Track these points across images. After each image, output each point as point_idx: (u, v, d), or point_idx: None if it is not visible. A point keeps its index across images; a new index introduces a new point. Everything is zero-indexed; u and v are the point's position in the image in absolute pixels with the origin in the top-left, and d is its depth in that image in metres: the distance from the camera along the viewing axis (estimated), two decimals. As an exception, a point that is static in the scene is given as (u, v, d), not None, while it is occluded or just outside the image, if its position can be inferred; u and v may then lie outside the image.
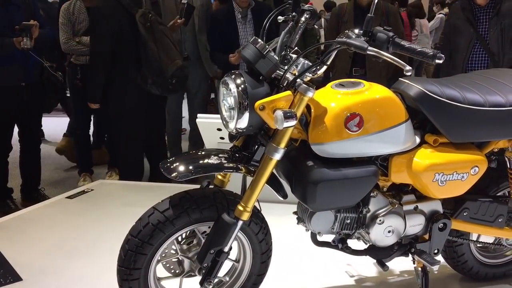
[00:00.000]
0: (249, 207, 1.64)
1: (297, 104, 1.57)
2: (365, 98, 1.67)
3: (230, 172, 1.76)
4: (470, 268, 2.13)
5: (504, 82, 1.88)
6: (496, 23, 3.01)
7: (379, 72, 3.46)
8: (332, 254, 2.02)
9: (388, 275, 2.24)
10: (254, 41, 1.58)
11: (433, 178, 1.75)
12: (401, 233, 1.84)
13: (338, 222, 1.80)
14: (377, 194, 1.80)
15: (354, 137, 1.65)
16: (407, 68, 1.37)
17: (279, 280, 2.20)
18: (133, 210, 1.69)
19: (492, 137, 1.85)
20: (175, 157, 1.71)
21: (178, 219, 1.64)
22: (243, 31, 3.73)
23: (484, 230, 2.00)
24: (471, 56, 3.13)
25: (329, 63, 1.59)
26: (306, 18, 1.75)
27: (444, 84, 1.80)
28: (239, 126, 1.60)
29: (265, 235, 1.80)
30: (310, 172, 1.65)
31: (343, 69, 3.56)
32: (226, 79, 1.61)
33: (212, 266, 1.68)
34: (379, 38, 1.49)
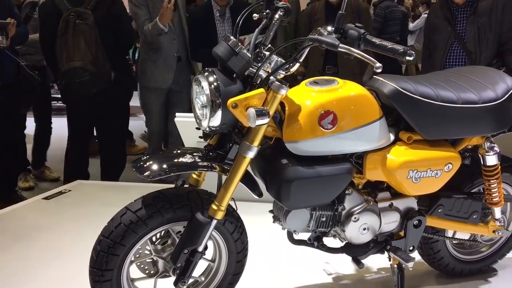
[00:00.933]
0: (223, 206, 1.63)
1: (270, 101, 1.56)
2: (339, 96, 1.67)
3: (204, 171, 1.75)
4: (446, 265, 2.15)
5: (477, 79, 1.90)
6: (473, 22, 3.04)
7: (351, 69, 3.48)
8: (309, 252, 2.01)
9: (365, 273, 2.25)
10: (227, 38, 1.56)
11: (407, 175, 1.76)
12: (376, 230, 1.85)
13: (314, 220, 1.79)
14: (352, 192, 1.80)
15: (328, 134, 1.65)
16: (377, 65, 1.37)
17: (256, 279, 2.19)
18: (111, 210, 1.67)
19: (466, 134, 1.86)
20: (148, 156, 1.69)
21: (151, 219, 1.62)
22: (221, 29, 3.70)
23: (459, 227, 2.02)
24: (449, 54, 3.16)
25: (302, 60, 1.58)
26: (280, 16, 1.74)
27: (417, 82, 1.80)
28: (212, 125, 1.59)
29: (241, 234, 1.78)
30: (284, 170, 1.64)
31: (316, 67, 3.58)
32: (199, 76, 1.60)
33: (186, 266, 1.66)
34: (351, 35, 1.48)
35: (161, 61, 3.70)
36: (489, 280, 2.22)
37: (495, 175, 1.93)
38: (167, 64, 3.71)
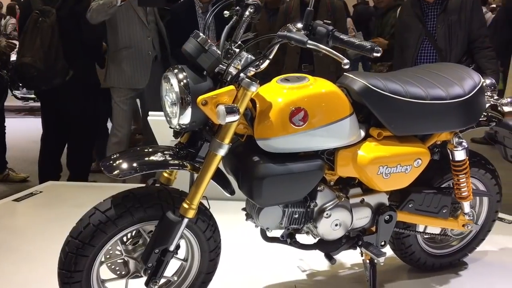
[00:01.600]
0: (195, 204, 1.61)
1: (241, 99, 1.55)
2: (310, 93, 1.68)
3: (175, 169, 1.73)
4: (418, 259, 2.18)
5: (446, 76, 1.93)
6: (443, 19, 3.09)
7: (327, 67, 3.50)
8: (283, 249, 2.02)
9: (338, 268, 2.27)
10: (196, 35, 1.55)
11: (377, 171, 1.77)
12: (348, 226, 1.86)
13: (286, 217, 1.80)
14: (324, 188, 1.81)
15: (299, 131, 1.65)
16: (345, 62, 1.38)
17: (230, 278, 2.19)
18: (83, 211, 1.64)
19: (434, 129, 1.89)
20: (117, 154, 1.67)
21: (121, 219, 1.59)
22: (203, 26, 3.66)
23: (429, 221, 2.05)
24: (420, 51, 3.21)
25: (271, 57, 1.58)
26: (250, 12, 1.73)
27: (387, 79, 1.82)
28: (182, 122, 1.57)
29: (213, 233, 1.77)
30: (256, 168, 1.64)
31: (292, 65, 3.59)
32: (168, 74, 1.58)
33: (157, 266, 1.64)
34: (319, 32, 1.49)
35: (133, 60, 3.51)
36: (459, 273, 2.26)
37: (463, 170, 1.97)
38: (140, 63, 3.53)
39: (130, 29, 3.46)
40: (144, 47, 3.51)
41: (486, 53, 3.14)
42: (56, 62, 3.41)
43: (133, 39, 3.48)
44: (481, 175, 2.14)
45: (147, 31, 3.52)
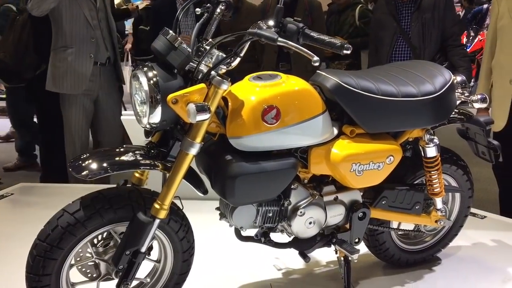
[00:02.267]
0: (166, 204, 1.59)
1: (212, 97, 1.54)
2: (282, 90, 1.67)
3: (146, 169, 1.70)
4: (392, 255, 2.19)
5: (417, 73, 1.94)
6: (417, 18, 3.12)
7: (304, 66, 3.50)
8: (258, 248, 2.01)
9: (314, 266, 2.27)
10: (165, 32, 1.52)
11: (350, 168, 1.78)
12: (322, 224, 1.86)
13: (260, 216, 1.79)
14: (298, 186, 1.80)
15: (272, 129, 1.64)
16: (315, 59, 1.37)
17: (204, 278, 2.17)
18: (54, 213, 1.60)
19: (406, 126, 1.91)
20: (87, 154, 1.63)
21: (90, 221, 1.56)
22: (184, 24, 3.58)
23: (403, 218, 2.06)
24: (395, 49, 3.24)
25: (242, 54, 1.56)
26: (221, 10, 1.72)
27: (359, 76, 1.83)
28: (152, 121, 1.55)
29: (186, 233, 1.75)
30: (228, 167, 1.62)
31: (269, 63, 3.58)
32: (137, 72, 1.55)
33: (129, 268, 1.61)
34: (289, 29, 1.48)
35: (71, 62, 3.26)
36: (433, 269, 2.28)
37: (435, 166, 1.99)
38: (80, 67, 3.27)
39: (73, 27, 3.24)
40: (85, 49, 3.28)
41: (458, 51, 3.19)
42: (25, 57, 3.40)
43: (75, 38, 3.25)
44: (453, 171, 2.17)
45: (91, 31, 3.29)
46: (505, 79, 2.67)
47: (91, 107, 3.46)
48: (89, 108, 3.45)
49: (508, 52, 2.66)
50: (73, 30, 3.24)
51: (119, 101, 3.68)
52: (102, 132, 3.60)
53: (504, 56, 2.69)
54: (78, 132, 3.43)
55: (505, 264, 2.32)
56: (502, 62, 2.71)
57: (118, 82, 3.61)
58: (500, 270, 2.27)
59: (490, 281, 2.17)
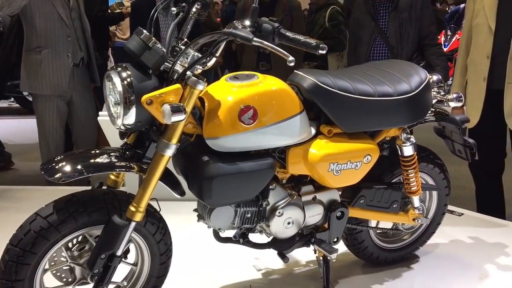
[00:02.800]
0: (142, 207, 1.56)
1: (187, 97, 1.52)
2: (259, 91, 1.66)
3: (122, 171, 1.68)
4: (371, 254, 2.21)
5: (393, 72, 1.95)
6: (394, 17, 3.14)
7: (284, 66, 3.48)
8: (237, 249, 2.00)
9: (294, 266, 2.27)
10: (139, 32, 1.50)
11: (328, 168, 1.78)
12: (301, 224, 1.86)
13: (239, 216, 1.78)
14: (276, 187, 1.80)
15: (249, 130, 1.63)
16: (290, 59, 1.37)
17: (183, 281, 2.15)
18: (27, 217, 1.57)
19: (383, 126, 1.91)
20: (61, 156, 1.59)
21: (64, 225, 1.53)
22: (165, 23, 3.53)
23: (380, 216, 2.08)
24: (373, 49, 3.24)
25: (218, 54, 1.55)
26: (197, 9, 1.70)
27: (336, 76, 1.83)
28: (127, 123, 1.52)
29: (163, 235, 1.73)
30: (205, 168, 1.60)
31: (249, 63, 3.57)
32: (110, 72, 1.52)
33: (104, 272, 1.59)
34: (265, 28, 1.47)
35: (48, 62, 3.18)
36: (411, 266, 2.30)
37: (412, 165, 2.00)
38: (57, 66, 3.21)
39: (48, 26, 3.15)
40: (61, 48, 3.20)
41: (435, 50, 3.21)
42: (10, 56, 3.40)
43: (50, 37, 3.17)
44: (430, 169, 2.19)
45: (67, 29, 3.22)
46: (479, 77, 2.70)
47: (65, 108, 3.39)
48: (63, 110, 3.37)
49: (482, 50, 2.69)
50: (48, 28, 3.16)
51: (93, 102, 3.59)
52: (76, 134, 3.53)
53: (478, 54, 2.72)
54: (52, 134, 3.36)
55: (482, 261, 2.35)
56: (476, 60, 2.75)
57: (93, 83, 3.54)
58: (477, 267, 2.30)
59: (468, 278, 2.20)
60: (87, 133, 3.53)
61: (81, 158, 1.59)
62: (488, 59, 2.65)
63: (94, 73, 3.48)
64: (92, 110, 3.53)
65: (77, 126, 3.51)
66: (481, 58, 2.68)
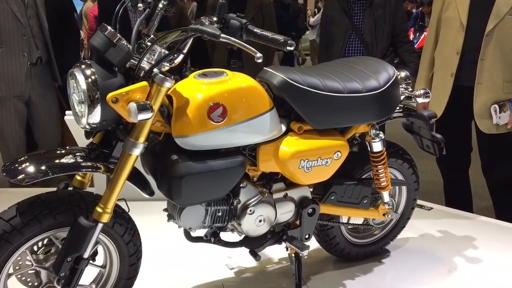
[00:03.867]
0: (109, 208, 1.53)
1: (155, 95, 1.49)
2: (228, 88, 1.64)
3: (88, 172, 1.64)
4: (342, 250, 2.22)
5: (362, 69, 1.97)
6: (369, 14, 3.13)
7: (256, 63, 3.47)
8: (209, 249, 1.98)
9: (266, 264, 2.26)
10: (103, 28, 1.46)
11: (299, 165, 1.78)
12: (273, 221, 1.85)
13: (209, 215, 1.76)
14: (247, 185, 1.79)
15: (218, 127, 1.61)
16: (258, 55, 1.36)
17: (155, 281, 2.12)
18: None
19: (352, 122, 1.92)
20: (24, 156, 1.54)
21: (27, 227, 1.48)
22: (134, 20, 3.47)
23: (351, 212, 2.09)
24: (348, 46, 3.24)
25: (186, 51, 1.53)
26: (163, 5, 1.67)
27: (306, 73, 1.83)
28: (92, 121, 1.48)
29: (132, 236, 1.69)
30: (174, 167, 1.58)
31: (220, 61, 3.54)
32: (74, 70, 1.48)
33: (71, 275, 1.54)
34: (232, 25, 1.46)
35: (3, 62, 3.06)
36: (382, 261, 2.33)
37: (381, 160, 2.02)
38: (13, 66, 3.08)
39: (1, 26, 3.03)
40: (17, 47, 3.08)
41: (408, 47, 3.23)
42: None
43: (4, 36, 3.05)
44: (399, 165, 2.21)
45: (22, 28, 3.09)
46: (446, 72, 2.70)
47: (23, 108, 3.26)
48: (21, 110, 3.25)
49: (452, 45, 2.66)
50: (1, 27, 3.04)
51: (55, 101, 3.48)
52: (38, 133, 3.41)
53: (448, 48, 2.70)
54: (11, 135, 3.24)
55: (451, 254, 2.40)
56: (445, 54, 2.72)
57: (54, 81, 3.43)
58: (446, 260, 2.34)
59: (438, 271, 2.24)
60: (50, 132, 3.42)
61: (46, 159, 1.54)
62: (457, 55, 2.63)
63: (54, 72, 3.36)
64: (55, 109, 3.43)
65: (39, 126, 3.39)
66: (451, 53, 2.67)
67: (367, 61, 2.06)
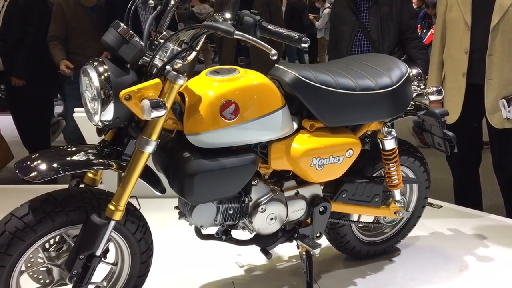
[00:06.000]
0: (121, 205, 1.52)
1: (167, 92, 1.48)
2: (240, 85, 1.63)
3: (100, 169, 1.63)
4: (353, 248, 2.21)
5: (374, 66, 1.95)
6: (375, 11, 3.12)
7: (263, 61, 3.46)
8: (219, 246, 1.97)
9: (276, 262, 2.25)
10: (116, 25, 1.45)
11: (310, 163, 1.77)
12: (284, 219, 1.84)
13: (221, 213, 1.75)
14: (258, 182, 1.78)
15: (230, 125, 1.60)
16: (273, 52, 1.34)
17: (165, 279, 2.11)
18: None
19: (364, 120, 1.91)
20: (36, 154, 1.54)
21: (40, 225, 1.48)
22: (143, 16, 3.46)
23: (363, 210, 2.08)
24: (354, 43, 3.22)
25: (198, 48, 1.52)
26: (175, 2, 1.66)
27: (318, 70, 1.81)
28: (105, 119, 1.47)
29: (144, 234, 1.69)
30: (186, 164, 1.57)
31: (228, 58, 3.53)
32: (87, 67, 1.47)
33: (83, 273, 1.54)
34: (246, 21, 1.45)
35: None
36: (393, 259, 2.32)
37: (393, 158, 2.01)
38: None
39: None
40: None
41: (416, 43, 3.21)
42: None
43: None
44: (410, 163, 2.20)
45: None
46: (458, 72, 2.70)
47: None
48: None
49: (459, 45, 2.67)
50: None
51: None
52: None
53: (455, 49, 2.71)
54: None
55: (462, 252, 2.38)
56: (453, 55, 2.74)
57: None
58: (457, 258, 2.33)
59: (448, 270, 2.23)
60: None
61: (58, 156, 1.54)
62: (466, 55, 2.63)
63: None
64: None
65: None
66: (459, 53, 2.67)
67: (379, 58, 2.05)
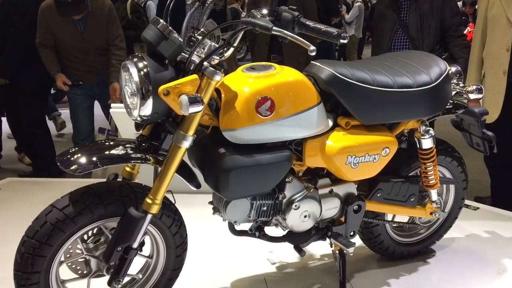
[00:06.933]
0: (158, 199, 1.55)
1: (205, 88, 1.49)
2: (276, 82, 1.63)
3: (137, 163, 1.66)
4: (387, 248, 2.18)
5: (413, 64, 1.91)
6: (415, 9, 3.06)
7: (296, 58, 3.44)
8: (252, 242, 1.98)
9: (308, 260, 2.25)
10: (155, 22, 1.47)
11: (346, 161, 1.75)
12: (317, 217, 1.83)
13: (255, 209, 1.75)
14: (292, 179, 1.77)
15: (266, 121, 1.61)
16: (311, 48, 1.34)
17: (198, 273, 2.14)
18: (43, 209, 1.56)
19: (401, 118, 1.88)
20: (75, 148, 1.58)
21: (80, 217, 1.52)
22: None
23: (398, 210, 2.05)
24: (394, 41, 3.18)
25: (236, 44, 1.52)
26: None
27: (354, 67, 1.79)
28: (143, 114, 1.50)
29: (179, 228, 1.71)
30: (221, 160, 1.58)
31: (260, 55, 3.53)
32: (127, 63, 1.50)
33: (121, 265, 1.57)
34: (284, 18, 1.44)
35: None
36: (427, 261, 2.27)
37: (430, 158, 1.96)
38: None
39: None
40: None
41: (460, 41, 3.11)
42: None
43: None
44: (448, 162, 2.15)
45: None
46: (498, 70, 2.64)
47: None
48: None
49: (500, 42, 2.62)
50: None
51: None
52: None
53: (496, 47, 2.65)
54: None
55: (499, 256, 2.31)
56: (494, 53, 2.68)
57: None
58: (494, 262, 2.26)
59: (485, 273, 2.17)
60: None
61: (96, 150, 1.57)
62: (508, 52, 2.57)
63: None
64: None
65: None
66: (500, 51, 2.61)
67: (418, 55, 2.01)
